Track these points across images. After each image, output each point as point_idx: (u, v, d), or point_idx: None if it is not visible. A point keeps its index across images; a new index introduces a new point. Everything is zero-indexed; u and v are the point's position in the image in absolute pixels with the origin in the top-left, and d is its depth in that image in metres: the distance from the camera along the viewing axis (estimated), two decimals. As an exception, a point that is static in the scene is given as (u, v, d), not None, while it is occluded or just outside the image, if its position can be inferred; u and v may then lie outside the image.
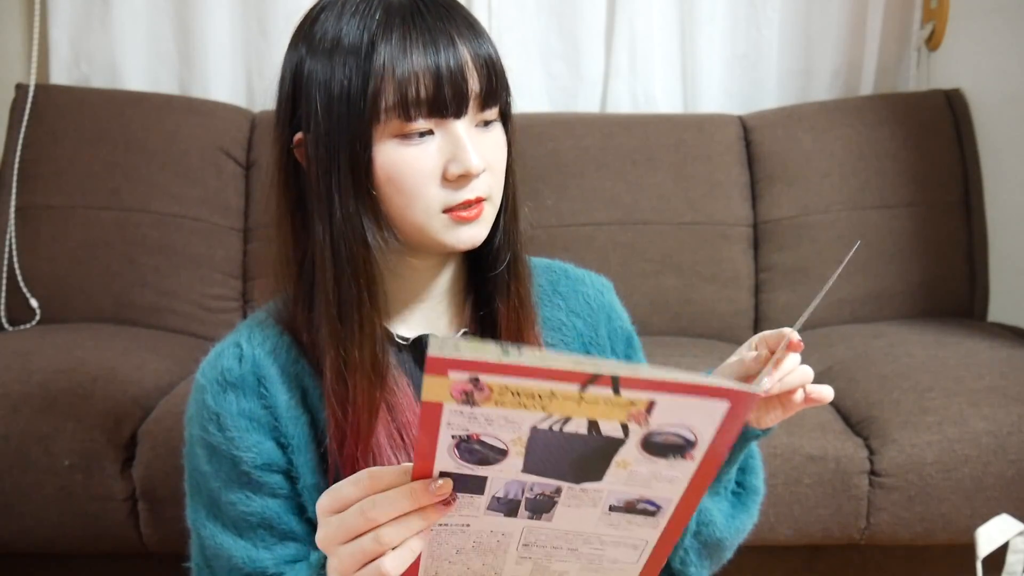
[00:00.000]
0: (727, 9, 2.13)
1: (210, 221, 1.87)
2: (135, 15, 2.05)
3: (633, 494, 0.60)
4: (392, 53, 0.71)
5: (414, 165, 0.73)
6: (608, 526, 0.63)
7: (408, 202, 0.74)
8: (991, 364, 1.52)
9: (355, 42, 0.72)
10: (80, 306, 1.82)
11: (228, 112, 1.97)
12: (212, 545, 0.79)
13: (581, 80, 2.14)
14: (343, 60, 0.72)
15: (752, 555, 1.48)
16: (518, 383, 0.51)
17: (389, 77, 0.71)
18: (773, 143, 1.96)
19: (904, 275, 1.90)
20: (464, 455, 0.56)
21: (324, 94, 0.73)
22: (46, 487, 1.36)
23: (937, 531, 1.39)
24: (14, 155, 1.85)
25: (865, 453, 1.38)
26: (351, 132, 0.72)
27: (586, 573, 0.68)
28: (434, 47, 0.71)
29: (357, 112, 0.72)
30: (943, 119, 1.98)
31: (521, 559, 0.65)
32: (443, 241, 0.75)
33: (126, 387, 1.46)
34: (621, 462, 0.57)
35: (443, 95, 0.72)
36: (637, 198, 1.91)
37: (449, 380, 0.51)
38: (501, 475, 0.58)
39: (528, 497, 0.60)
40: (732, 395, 0.51)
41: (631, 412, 0.53)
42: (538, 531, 0.63)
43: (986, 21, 1.98)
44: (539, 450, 0.56)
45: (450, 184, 0.74)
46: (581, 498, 0.60)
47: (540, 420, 0.54)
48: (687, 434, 0.54)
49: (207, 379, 0.78)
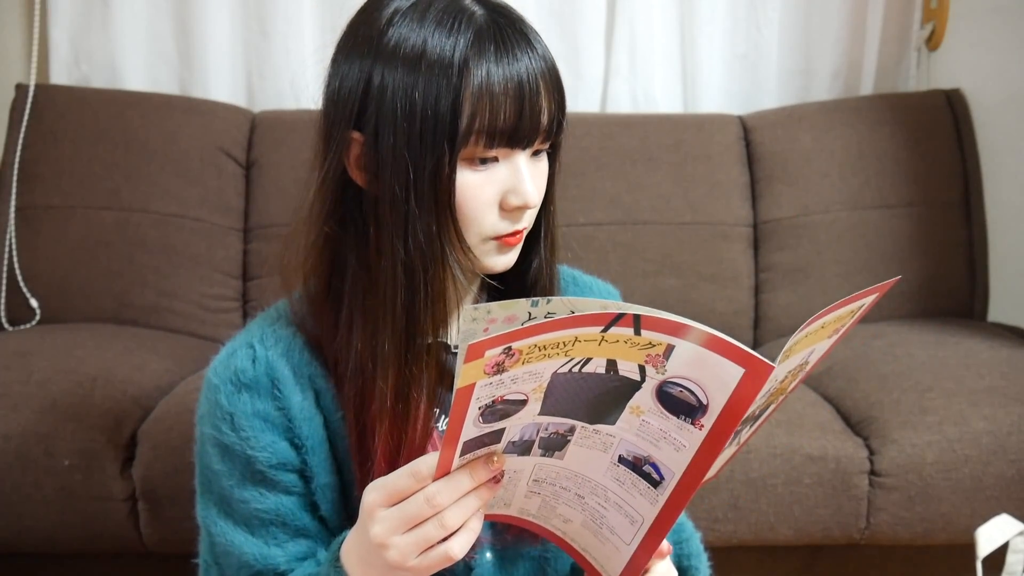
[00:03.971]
0: (727, 9, 2.13)
1: (210, 221, 1.87)
2: (135, 15, 2.05)
3: (642, 450, 0.61)
4: (486, 78, 0.70)
5: (478, 192, 0.73)
6: (615, 480, 0.64)
7: (465, 226, 0.74)
8: (991, 364, 1.52)
9: (445, 57, 0.70)
10: (80, 306, 1.82)
11: (228, 112, 1.97)
12: (223, 543, 0.78)
13: (581, 80, 2.14)
14: (431, 73, 0.70)
15: (752, 555, 1.49)
16: (545, 338, 0.52)
17: (482, 102, 0.70)
18: (773, 143, 1.96)
19: (904, 275, 1.90)
20: (487, 418, 0.57)
21: (406, 105, 0.70)
22: (46, 487, 1.36)
23: (937, 531, 1.39)
24: (14, 155, 1.85)
25: (865, 453, 1.38)
26: (436, 150, 0.71)
27: (585, 533, 0.69)
28: (518, 82, 0.72)
29: (444, 130, 0.70)
30: (943, 119, 1.98)
31: (531, 493, 0.67)
32: (484, 264, 0.77)
33: (126, 387, 1.46)
34: (635, 408, 0.58)
35: (523, 128, 0.72)
36: (637, 198, 1.91)
37: (484, 360, 0.52)
38: (519, 422, 0.59)
39: (542, 436, 0.61)
40: (748, 360, 0.52)
41: (649, 354, 0.54)
42: (549, 468, 0.64)
43: (986, 21, 1.98)
44: (557, 393, 0.57)
45: (506, 214, 0.75)
46: (593, 440, 0.61)
47: (561, 365, 0.55)
48: (700, 394, 0.55)
49: (220, 378, 0.78)
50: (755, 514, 1.38)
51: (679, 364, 0.54)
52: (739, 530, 1.39)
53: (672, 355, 0.53)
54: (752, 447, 1.37)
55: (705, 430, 0.57)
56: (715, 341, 0.51)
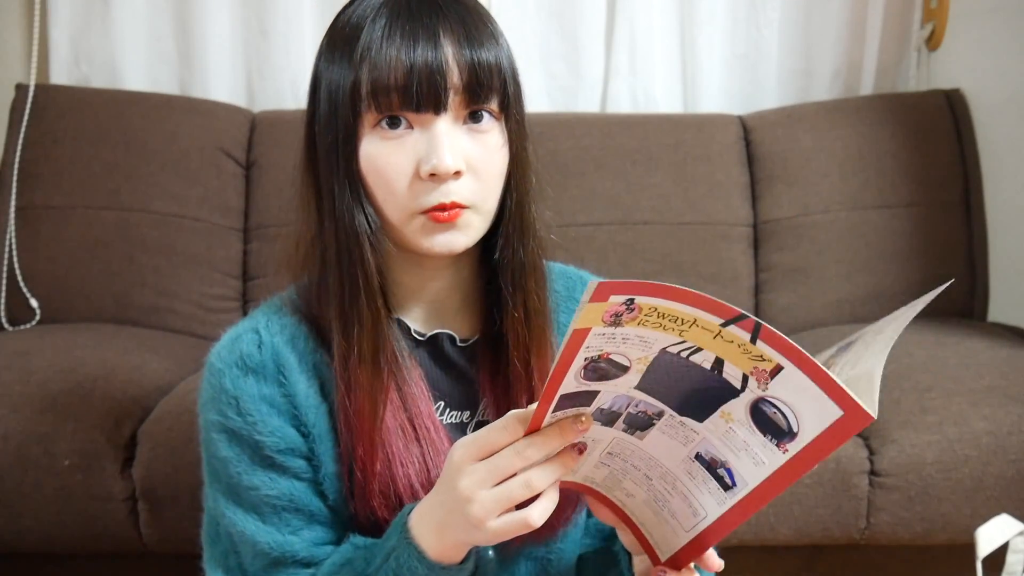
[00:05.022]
0: (727, 9, 2.13)
1: (210, 221, 1.87)
2: (135, 15, 2.04)
3: (721, 454, 0.61)
4: (370, 43, 0.72)
5: (390, 159, 0.73)
6: (686, 473, 0.64)
7: (385, 197, 0.74)
8: (991, 364, 1.52)
9: (349, 34, 0.73)
10: (80, 306, 1.82)
11: (228, 112, 1.97)
12: (236, 532, 0.77)
13: (581, 80, 2.14)
14: (339, 52, 0.74)
15: (752, 555, 1.48)
16: (667, 305, 0.52)
17: (366, 66, 0.71)
18: (773, 143, 1.96)
19: (904, 275, 1.90)
20: (588, 374, 0.57)
21: (324, 86, 0.75)
22: (46, 487, 1.36)
23: (937, 531, 1.39)
24: (14, 155, 1.85)
25: (865, 453, 1.38)
26: (338, 121, 0.73)
27: (646, 510, 0.69)
28: (412, 41, 0.71)
29: (343, 101, 0.73)
30: (943, 119, 1.98)
31: (601, 464, 0.67)
32: (419, 243, 0.74)
33: (126, 387, 1.46)
34: (726, 414, 0.58)
35: (414, 88, 0.71)
36: (637, 198, 1.91)
37: (607, 304, 0.52)
38: (614, 390, 0.59)
39: (631, 412, 0.61)
40: (850, 405, 0.52)
41: (757, 367, 0.54)
42: (626, 444, 0.64)
43: (986, 21, 1.98)
44: (659, 372, 0.57)
45: (423, 183, 0.72)
46: (677, 431, 0.62)
47: (672, 344, 0.55)
48: (792, 421, 0.55)
49: (224, 362, 0.77)
50: (755, 514, 1.38)
51: (782, 386, 0.54)
52: (739, 530, 1.38)
53: (778, 376, 0.53)
54: (752, 447, 1.37)
55: (788, 455, 0.57)
56: (824, 378, 0.52)
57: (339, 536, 0.79)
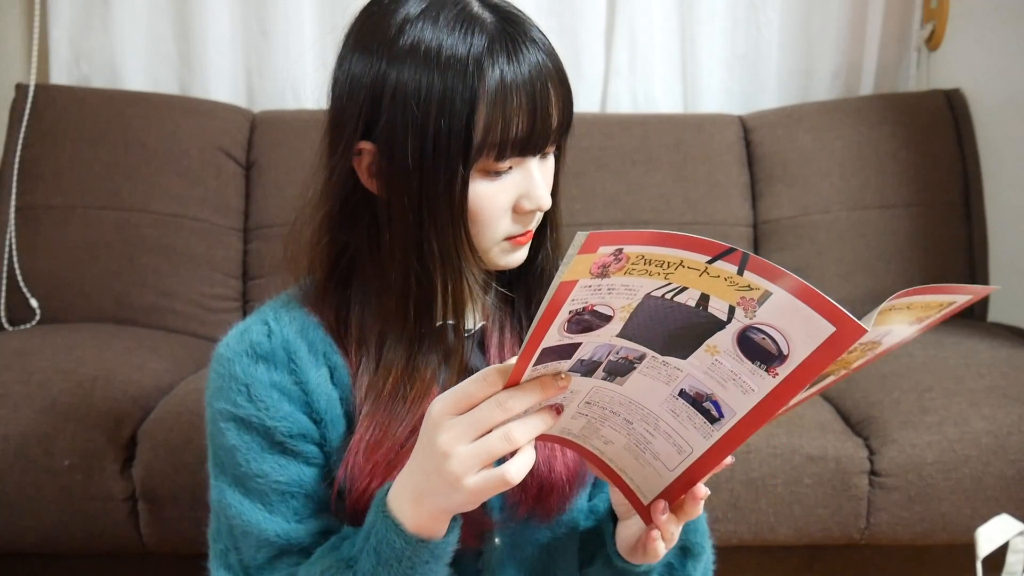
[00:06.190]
0: (727, 9, 2.13)
1: (210, 221, 1.87)
2: (135, 15, 2.05)
3: (707, 387, 0.61)
4: (499, 83, 0.70)
5: (493, 200, 0.74)
6: (670, 412, 0.64)
7: (479, 231, 0.75)
8: (991, 364, 1.52)
9: (460, 58, 0.70)
10: (80, 306, 1.82)
11: (228, 112, 1.97)
12: (240, 523, 0.77)
13: (581, 80, 2.14)
14: (446, 74, 0.70)
15: (752, 555, 1.48)
16: (654, 251, 0.52)
17: (495, 114, 0.70)
18: (773, 143, 1.96)
19: (904, 275, 1.90)
20: (572, 327, 0.57)
21: (419, 115, 0.70)
22: (46, 487, 1.36)
23: (937, 531, 1.39)
24: (14, 155, 1.85)
25: (865, 453, 1.38)
26: (450, 165, 0.71)
27: (625, 455, 0.69)
28: (530, 88, 0.71)
29: (457, 145, 0.70)
30: (943, 119, 1.98)
31: (578, 414, 0.66)
32: (497, 262, 0.78)
33: (126, 387, 1.46)
34: (711, 347, 0.58)
35: (536, 137, 0.72)
36: (637, 198, 1.91)
37: (596, 255, 0.51)
38: (596, 340, 0.59)
39: (611, 359, 0.61)
40: (842, 319, 0.52)
41: (744, 296, 0.53)
42: (605, 392, 0.64)
43: (986, 21, 1.98)
44: (642, 316, 0.57)
45: (519, 217, 0.76)
46: (659, 371, 0.61)
47: (657, 287, 0.55)
48: (783, 344, 0.55)
49: (233, 352, 0.77)
50: (755, 514, 1.38)
51: (770, 311, 0.54)
52: (739, 530, 1.39)
53: (766, 302, 0.53)
54: (752, 447, 1.37)
55: (779, 379, 0.57)
56: (812, 294, 0.52)
57: (341, 528, 0.79)
